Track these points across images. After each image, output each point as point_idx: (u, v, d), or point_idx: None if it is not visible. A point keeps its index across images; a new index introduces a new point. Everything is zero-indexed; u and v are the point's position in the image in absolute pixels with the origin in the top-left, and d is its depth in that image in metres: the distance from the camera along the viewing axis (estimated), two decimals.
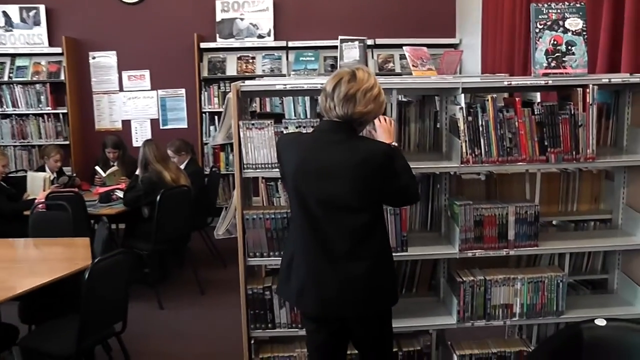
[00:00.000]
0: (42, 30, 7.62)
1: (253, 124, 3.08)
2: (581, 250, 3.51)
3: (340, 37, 3.63)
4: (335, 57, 7.55)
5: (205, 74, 7.75)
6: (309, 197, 2.60)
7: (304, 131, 3.04)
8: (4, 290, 3.36)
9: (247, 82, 3.19)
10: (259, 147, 3.09)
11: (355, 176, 2.54)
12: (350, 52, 3.59)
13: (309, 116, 6.46)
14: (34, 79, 7.61)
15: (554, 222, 3.74)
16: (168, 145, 6.14)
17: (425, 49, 4.06)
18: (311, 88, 3.06)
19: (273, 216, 3.12)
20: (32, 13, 7.59)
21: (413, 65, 3.96)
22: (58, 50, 7.51)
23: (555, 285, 3.29)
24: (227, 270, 6.14)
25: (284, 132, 3.07)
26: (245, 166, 3.10)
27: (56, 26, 7.69)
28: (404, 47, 4.03)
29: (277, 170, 3.03)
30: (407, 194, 2.73)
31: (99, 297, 3.34)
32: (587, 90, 3.11)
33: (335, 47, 7.26)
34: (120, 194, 5.75)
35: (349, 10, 7.81)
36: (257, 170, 3.11)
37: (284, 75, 7.49)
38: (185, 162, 6.23)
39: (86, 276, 3.22)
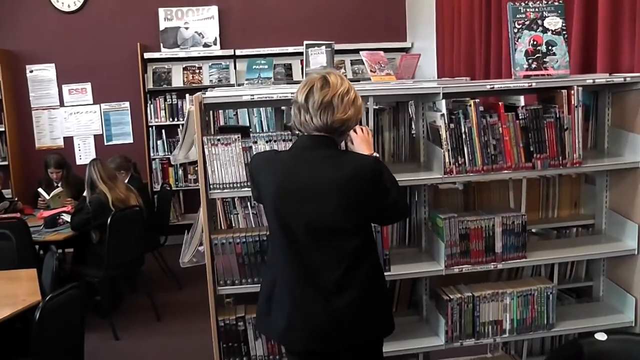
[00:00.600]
0: None
1: (219, 140, 2.80)
2: (571, 259, 3.34)
3: (305, 42, 3.37)
4: (285, 65, 7.38)
5: (150, 85, 7.41)
6: (291, 222, 2.35)
7: (276, 146, 2.78)
8: None
9: (210, 93, 2.91)
10: (226, 165, 2.81)
11: (342, 195, 2.30)
12: (317, 58, 3.35)
13: (265, 128, 6.23)
14: None
15: (533, 230, 3.58)
16: (108, 162, 5.74)
17: (382, 53, 3.88)
18: (282, 98, 2.80)
19: (244, 240, 2.84)
20: None
21: (371, 71, 3.77)
22: None
23: (545, 297, 3.12)
24: (183, 292, 5.83)
25: (254, 147, 2.80)
26: (211, 186, 2.82)
27: None
28: (360, 52, 3.85)
29: (248, 189, 2.76)
30: (397, 209, 2.50)
31: (51, 339, 3.00)
32: (572, 91, 2.96)
33: (284, 54, 7.30)
34: (66, 217, 5.35)
35: (295, 16, 7.61)
36: (225, 190, 2.82)
37: (232, 85, 7.22)
38: (126, 180, 5.83)
39: (37, 317, 2.87)
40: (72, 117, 7.47)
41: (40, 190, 5.90)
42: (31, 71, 7.37)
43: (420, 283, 3.31)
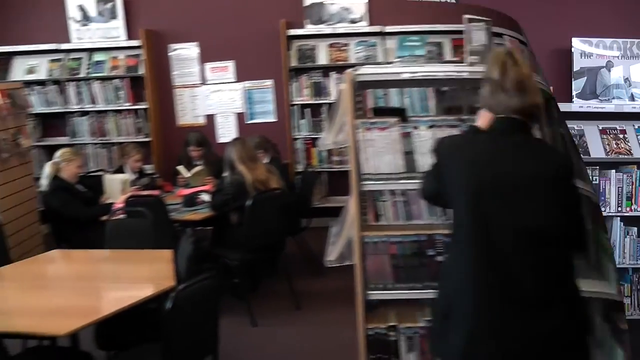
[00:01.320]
0: (119, 23, 7.24)
1: (373, 124, 2.46)
2: None
3: (466, 16, 2.93)
4: (436, 43, 6.91)
5: (293, 63, 7.17)
6: (496, 224, 1.94)
7: (440, 133, 2.39)
8: (83, 316, 2.95)
9: (363, 70, 2.56)
10: (382, 153, 2.46)
11: (552, 191, 1.91)
12: (477, 35, 2.90)
13: (417, 111, 5.81)
14: (112, 73, 7.24)
15: None
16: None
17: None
18: (446, 77, 2.41)
19: (400, 239, 2.49)
20: (108, 6, 7.21)
21: None
22: (136, 43, 7.11)
23: None
24: (326, 280, 5.45)
25: (413, 133, 2.44)
26: (363, 177, 2.48)
27: (134, 18, 7.28)
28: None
29: (407, 181, 2.40)
30: (581, 230, 2.06)
31: (183, 329, 2.84)
32: None
33: (434, 32, 6.81)
34: (205, 196, 5.23)
35: None
36: (380, 182, 2.48)
37: (380, 64, 6.84)
38: (265, 161, 5.64)
39: (169, 305, 2.70)
40: (213, 95, 7.39)
41: (179, 168, 5.85)
42: (174, 50, 7.36)
43: (593, 301, 2.82)
